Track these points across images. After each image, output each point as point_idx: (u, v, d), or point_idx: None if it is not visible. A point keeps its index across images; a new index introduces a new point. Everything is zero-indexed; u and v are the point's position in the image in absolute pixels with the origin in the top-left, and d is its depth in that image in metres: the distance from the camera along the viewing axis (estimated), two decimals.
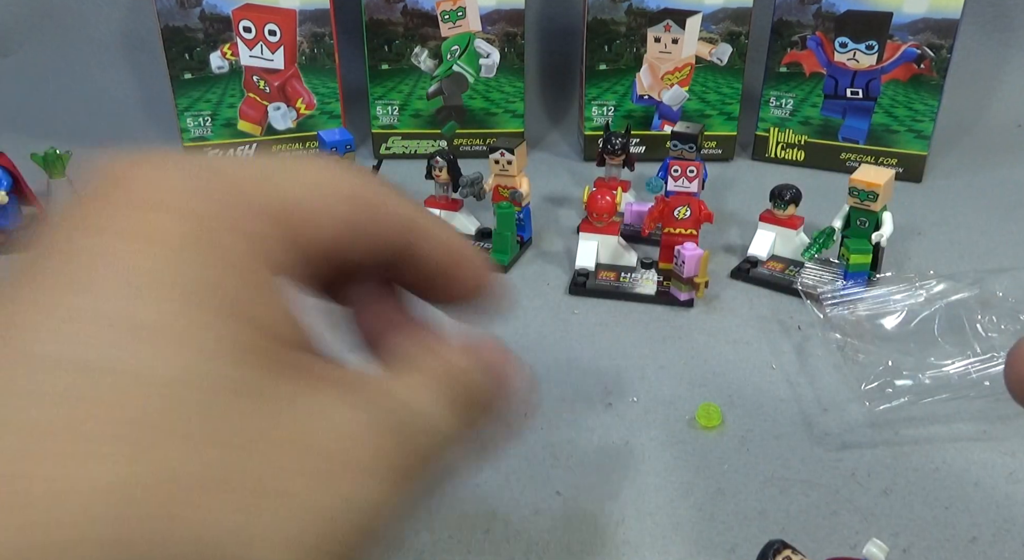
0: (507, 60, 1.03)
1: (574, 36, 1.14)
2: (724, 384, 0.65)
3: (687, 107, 1.05)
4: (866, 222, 0.76)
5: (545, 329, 0.72)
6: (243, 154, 1.05)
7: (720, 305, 0.76)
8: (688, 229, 0.78)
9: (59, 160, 0.87)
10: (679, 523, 0.53)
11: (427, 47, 1.02)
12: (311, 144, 1.06)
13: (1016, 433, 0.60)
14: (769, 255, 0.81)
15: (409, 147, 1.07)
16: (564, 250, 0.85)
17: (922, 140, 1.00)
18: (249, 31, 1.00)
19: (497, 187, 0.83)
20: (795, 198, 0.80)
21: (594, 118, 1.06)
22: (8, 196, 0.85)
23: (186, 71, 1.00)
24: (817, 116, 1.03)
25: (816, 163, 1.04)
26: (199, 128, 1.03)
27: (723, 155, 1.06)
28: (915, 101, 0.99)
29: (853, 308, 0.70)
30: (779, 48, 1.01)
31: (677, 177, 0.77)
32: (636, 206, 0.85)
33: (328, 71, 1.04)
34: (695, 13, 0.99)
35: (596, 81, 1.04)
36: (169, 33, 0.98)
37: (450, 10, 1.00)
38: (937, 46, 0.96)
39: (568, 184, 1.00)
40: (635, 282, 0.78)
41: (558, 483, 0.56)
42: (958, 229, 0.90)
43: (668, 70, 1.03)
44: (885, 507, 0.54)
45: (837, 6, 0.97)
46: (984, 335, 0.66)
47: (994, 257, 0.85)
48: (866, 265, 0.75)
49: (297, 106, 1.05)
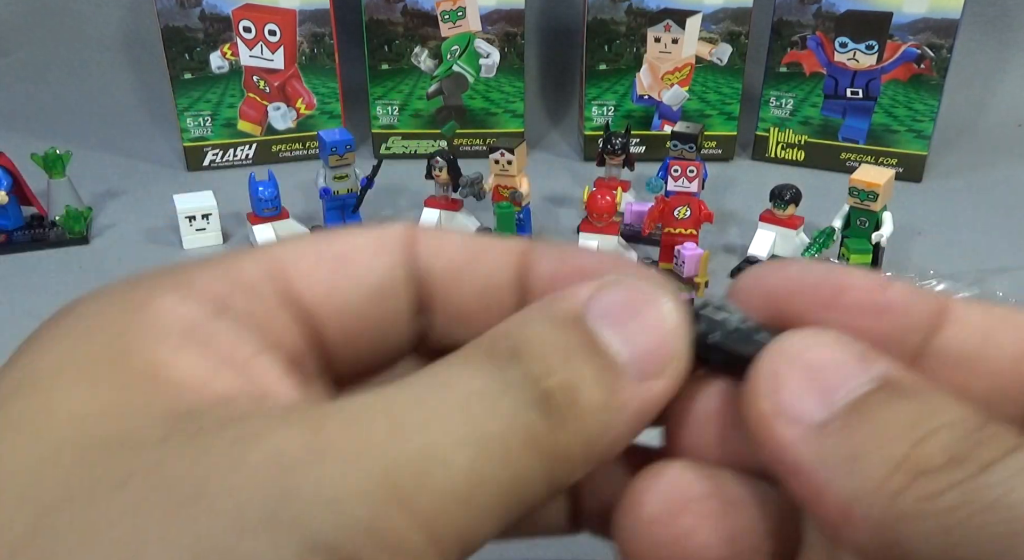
0: (507, 60, 1.03)
1: (574, 36, 1.14)
2: None
3: (687, 107, 1.04)
4: (866, 222, 0.76)
5: None
6: (242, 153, 1.05)
7: None
8: (688, 229, 0.78)
9: (59, 160, 0.87)
10: None
11: (427, 47, 1.02)
12: (311, 144, 1.06)
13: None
14: (769, 255, 0.81)
15: (409, 147, 1.07)
16: None
17: (922, 140, 1.00)
18: (249, 31, 1.00)
19: (497, 187, 0.83)
20: (795, 198, 0.80)
21: (594, 118, 1.05)
22: (8, 196, 0.85)
23: (186, 71, 1.00)
24: (817, 116, 1.03)
25: (816, 163, 1.04)
26: (199, 128, 1.03)
27: (723, 155, 1.06)
28: (915, 101, 0.99)
29: None
30: (779, 48, 1.01)
31: (677, 177, 0.77)
32: (636, 206, 0.85)
33: (328, 71, 1.04)
34: (695, 13, 0.99)
35: (596, 81, 1.04)
36: (169, 33, 0.98)
37: (450, 10, 1.00)
38: (937, 46, 0.96)
39: (568, 184, 1.00)
40: None
41: None
42: (958, 229, 0.90)
43: (668, 70, 1.03)
44: None
45: (837, 6, 0.97)
46: None
47: (994, 257, 0.85)
48: (866, 265, 0.75)
49: (297, 106, 1.05)
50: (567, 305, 0.19)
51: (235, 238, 0.87)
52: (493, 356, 0.18)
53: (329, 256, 0.21)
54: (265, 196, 0.82)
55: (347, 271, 0.21)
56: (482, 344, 0.18)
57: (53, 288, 0.78)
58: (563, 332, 0.18)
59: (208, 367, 0.18)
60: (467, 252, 0.22)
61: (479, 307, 0.22)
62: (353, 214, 0.86)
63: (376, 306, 0.21)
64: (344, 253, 0.21)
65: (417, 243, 0.22)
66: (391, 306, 0.21)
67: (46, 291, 0.78)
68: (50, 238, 0.85)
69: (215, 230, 0.85)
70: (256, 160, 1.05)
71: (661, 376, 0.18)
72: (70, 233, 0.85)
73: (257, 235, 0.82)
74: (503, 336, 0.18)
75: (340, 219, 0.86)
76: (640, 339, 0.18)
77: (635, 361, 0.18)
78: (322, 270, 0.21)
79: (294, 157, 1.07)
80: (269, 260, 0.20)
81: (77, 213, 0.85)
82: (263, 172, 0.85)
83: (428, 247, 0.22)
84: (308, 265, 0.21)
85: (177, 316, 0.18)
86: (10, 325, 0.72)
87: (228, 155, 1.05)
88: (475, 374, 0.17)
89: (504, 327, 0.19)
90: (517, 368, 0.17)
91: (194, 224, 0.85)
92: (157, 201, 0.93)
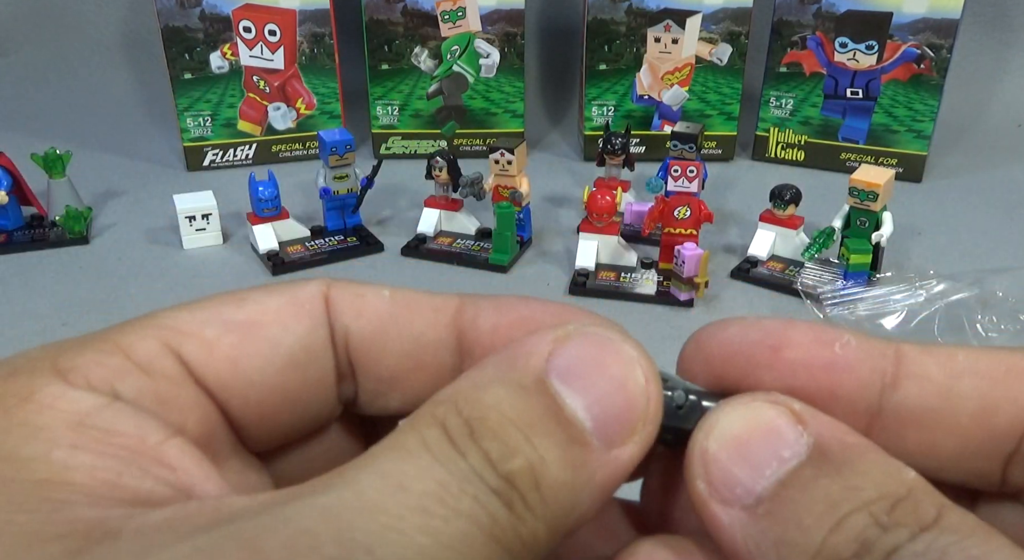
0: (507, 60, 1.03)
1: (574, 36, 1.14)
2: None
3: (687, 107, 1.04)
4: (866, 222, 0.76)
5: None
6: (242, 153, 1.05)
7: (720, 305, 0.76)
8: (688, 229, 0.78)
9: (59, 160, 0.87)
10: None
11: (427, 47, 1.02)
12: (311, 144, 1.06)
13: None
14: (769, 255, 0.81)
15: (409, 147, 1.07)
16: (564, 250, 0.85)
17: (922, 140, 1.00)
18: (249, 31, 1.00)
19: (497, 187, 0.83)
20: (795, 198, 0.80)
21: (594, 118, 1.05)
22: (8, 196, 0.85)
23: (186, 71, 1.00)
24: (817, 116, 1.03)
25: (816, 163, 1.04)
26: (199, 128, 1.03)
27: (723, 155, 1.06)
28: (915, 101, 0.99)
29: (853, 308, 0.70)
30: (779, 48, 1.01)
31: (677, 177, 0.77)
32: (636, 206, 0.85)
33: (328, 71, 1.04)
34: (695, 13, 0.99)
35: (596, 81, 1.04)
36: (169, 33, 0.98)
37: (450, 10, 1.00)
38: (937, 46, 0.96)
39: (568, 184, 1.00)
40: (635, 282, 0.78)
41: None
42: (958, 229, 0.90)
43: (668, 70, 1.03)
44: None
45: (837, 6, 0.97)
46: (984, 335, 0.66)
47: (994, 257, 0.85)
48: (866, 265, 0.75)
49: (297, 106, 1.05)
50: (526, 364, 0.17)
51: (235, 238, 0.87)
52: (446, 438, 0.16)
53: (235, 324, 0.19)
54: (265, 196, 0.82)
55: (256, 340, 0.19)
56: (431, 421, 0.16)
57: (53, 288, 0.78)
58: (523, 399, 0.16)
59: (112, 467, 0.16)
60: (392, 310, 0.20)
61: (410, 368, 0.20)
62: (353, 214, 0.86)
63: (293, 376, 0.19)
64: (253, 320, 0.19)
65: (335, 303, 0.20)
66: (311, 375, 0.19)
67: (46, 291, 0.77)
68: (50, 238, 0.85)
69: (215, 230, 0.85)
70: (256, 160, 1.05)
71: (629, 442, 0.17)
72: (70, 233, 0.85)
73: (257, 235, 0.82)
74: (454, 410, 0.16)
75: (340, 219, 0.86)
76: (607, 401, 0.17)
77: (601, 428, 0.17)
78: (227, 340, 0.18)
79: (294, 157, 1.07)
80: (164, 332, 0.18)
81: (77, 213, 0.85)
82: (263, 172, 0.85)
83: (347, 307, 0.20)
84: (210, 335, 0.18)
85: (65, 408, 0.16)
86: (10, 325, 0.72)
87: (228, 155, 1.05)
88: (429, 468, 0.15)
89: (455, 395, 0.17)
90: (475, 452, 0.16)
91: (194, 224, 0.85)
92: (157, 201, 0.93)
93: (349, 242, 0.85)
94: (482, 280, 0.80)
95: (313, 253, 0.83)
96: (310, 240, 0.85)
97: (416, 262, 0.83)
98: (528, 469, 0.16)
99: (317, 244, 0.84)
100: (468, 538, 0.15)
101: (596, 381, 0.17)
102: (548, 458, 0.16)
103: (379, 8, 1.01)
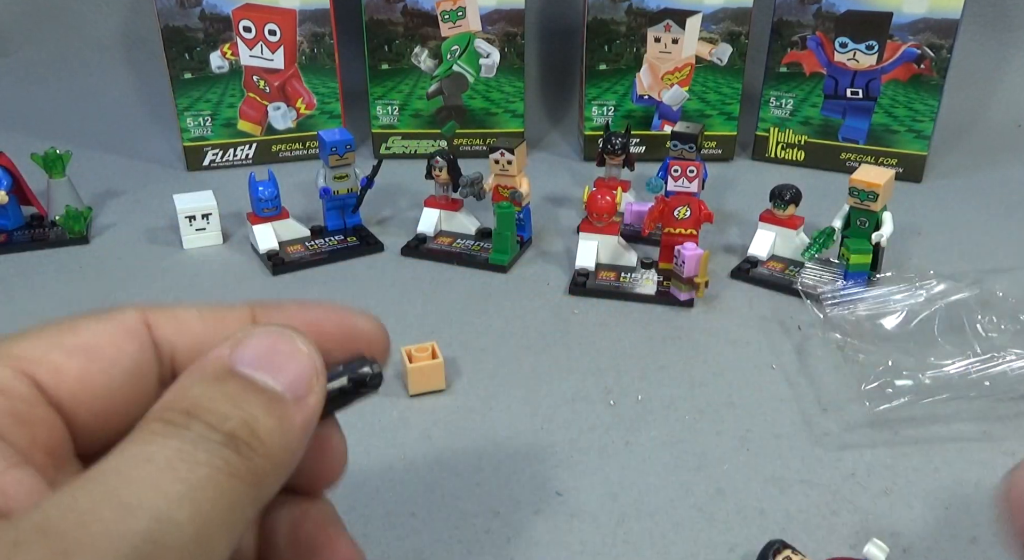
0: (507, 60, 1.03)
1: (574, 36, 1.14)
2: (724, 384, 0.65)
3: (687, 107, 1.05)
4: (866, 222, 0.76)
5: (545, 329, 0.72)
6: (242, 153, 1.05)
7: (720, 305, 0.76)
8: (688, 229, 0.78)
9: (59, 160, 0.87)
10: (679, 523, 0.53)
11: (427, 47, 1.02)
12: (311, 144, 1.06)
13: (1016, 433, 0.60)
14: (769, 255, 0.81)
15: (409, 147, 1.07)
16: (564, 250, 0.85)
17: (922, 140, 1.00)
18: (249, 31, 1.00)
19: (497, 187, 0.83)
20: (795, 198, 0.80)
21: (594, 118, 1.06)
22: (8, 196, 0.85)
23: (186, 71, 1.00)
24: (817, 116, 1.03)
25: (816, 163, 1.04)
26: (199, 128, 1.03)
27: (723, 155, 1.06)
28: (915, 101, 0.99)
29: (853, 308, 0.70)
30: (779, 48, 1.01)
31: (677, 177, 0.77)
32: (636, 206, 0.85)
33: (328, 71, 1.04)
34: (695, 13, 0.99)
35: (596, 81, 1.04)
36: (169, 33, 0.98)
37: (450, 10, 1.00)
38: (937, 46, 0.96)
39: (568, 184, 1.00)
40: (635, 282, 0.78)
41: (558, 483, 0.56)
42: (958, 229, 0.90)
43: (668, 70, 1.03)
44: (885, 507, 0.54)
45: (837, 6, 0.97)
46: (984, 335, 0.66)
47: (994, 257, 0.85)
48: (866, 265, 0.75)
49: (297, 106, 1.05)
50: (215, 365, 0.21)
51: (235, 238, 0.87)
52: (173, 424, 0.20)
53: (76, 348, 0.22)
54: (265, 196, 0.82)
55: (99, 360, 0.22)
56: (156, 419, 0.20)
57: (53, 288, 0.78)
58: (222, 385, 0.21)
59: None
60: (203, 324, 0.24)
61: None
62: (353, 214, 0.86)
63: (130, 389, 0.23)
64: (91, 344, 0.22)
65: (156, 325, 0.24)
66: (142, 387, 0.23)
67: (46, 291, 0.78)
68: (50, 238, 0.85)
69: (215, 230, 0.85)
70: (256, 160, 1.05)
71: (312, 392, 0.22)
72: (70, 233, 0.85)
73: (257, 235, 0.82)
74: (169, 408, 0.20)
75: (340, 219, 0.86)
76: (287, 369, 0.22)
77: (289, 388, 0.21)
78: (73, 363, 0.22)
79: (294, 157, 1.07)
80: (16, 360, 0.21)
81: (77, 213, 0.85)
82: (263, 172, 0.85)
83: (167, 326, 0.24)
84: (58, 360, 0.22)
85: None
86: (10, 325, 0.71)
87: (228, 155, 1.05)
88: (166, 443, 0.19)
89: (164, 402, 0.21)
90: (197, 424, 0.20)
91: (194, 224, 0.85)
92: (157, 201, 0.93)
93: (349, 242, 0.85)
94: (482, 280, 0.80)
95: (313, 253, 0.83)
96: (310, 240, 0.85)
97: (416, 262, 0.83)
98: (244, 424, 0.20)
99: (317, 244, 0.84)
100: (212, 479, 0.19)
101: (274, 359, 0.22)
102: (257, 414, 0.21)
103: (379, 8, 1.01)
